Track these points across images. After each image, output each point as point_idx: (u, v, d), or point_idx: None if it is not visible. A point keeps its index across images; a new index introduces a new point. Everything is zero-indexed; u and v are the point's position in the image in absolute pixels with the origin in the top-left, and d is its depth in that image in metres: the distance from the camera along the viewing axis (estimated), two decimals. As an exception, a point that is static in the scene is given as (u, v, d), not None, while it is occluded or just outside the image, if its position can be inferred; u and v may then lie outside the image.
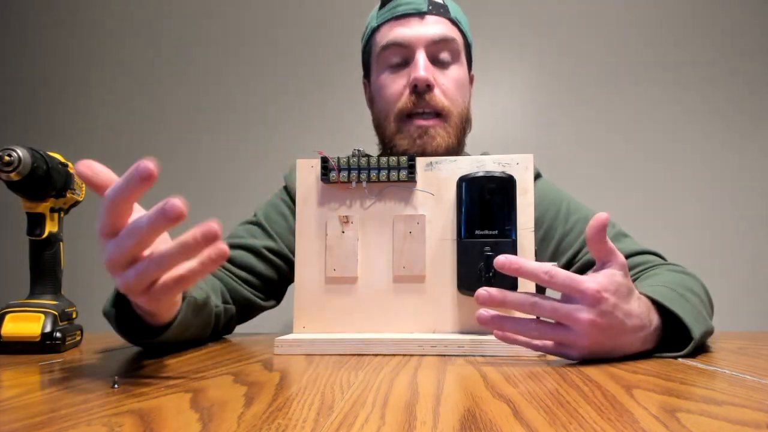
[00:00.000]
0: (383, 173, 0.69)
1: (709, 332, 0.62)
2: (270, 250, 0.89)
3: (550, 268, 0.52)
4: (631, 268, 0.81)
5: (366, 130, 1.01)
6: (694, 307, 0.61)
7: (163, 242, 0.47)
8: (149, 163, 0.42)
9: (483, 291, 0.53)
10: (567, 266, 0.87)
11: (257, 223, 0.92)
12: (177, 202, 0.41)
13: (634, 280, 0.78)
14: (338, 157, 0.70)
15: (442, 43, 0.85)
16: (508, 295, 0.53)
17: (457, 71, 0.87)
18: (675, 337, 0.59)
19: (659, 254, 0.86)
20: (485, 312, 0.54)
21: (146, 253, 0.45)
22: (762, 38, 1.83)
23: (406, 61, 0.85)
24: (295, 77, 1.95)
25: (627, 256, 0.82)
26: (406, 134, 0.85)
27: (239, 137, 1.95)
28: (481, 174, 0.68)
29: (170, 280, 0.45)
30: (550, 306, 0.52)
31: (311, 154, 0.72)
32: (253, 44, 1.98)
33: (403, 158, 0.69)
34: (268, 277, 0.90)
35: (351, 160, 0.70)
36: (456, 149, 0.87)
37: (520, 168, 0.69)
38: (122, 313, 0.59)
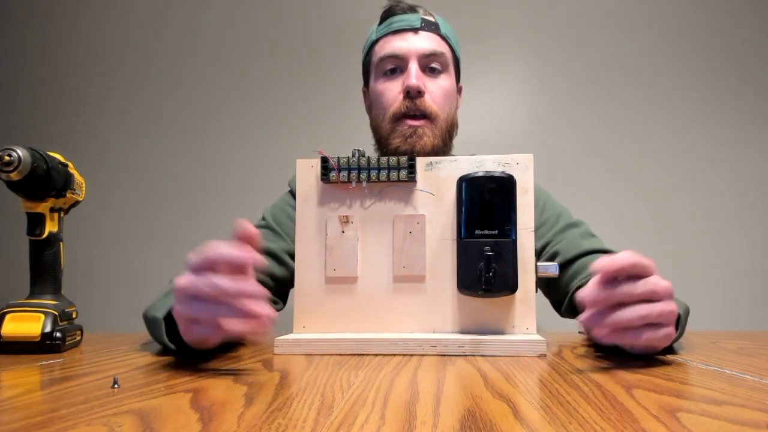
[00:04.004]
0: (383, 173, 0.69)
1: (686, 311, 0.65)
2: (285, 251, 0.94)
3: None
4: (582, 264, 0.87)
5: (367, 130, 1.02)
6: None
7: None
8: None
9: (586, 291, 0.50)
10: (537, 256, 0.93)
11: (267, 227, 0.96)
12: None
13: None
14: (338, 157, 0.70)
15: (433, 56, 0.95)
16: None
17: (445, 81, 0.97)
18: None
19: None
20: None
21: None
22: (764, 39, 1.83)
23: (400, 70, 0.96)
24: (296, 78, 1.95)
25: (590, 252, 0.88)
26: (398, 133, 0.93)
27: (240, 138, 1.95)
28: (481, 174, 0.68)
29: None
30: (654, 310, 0.50)
31: (311, 154, 0.72)
32: (254, 44, 1.98)
33: (403, 158, 0.69)
34: (281, 280, 0.93)
35: (351, 160, 0.70)
36: (442, 150, 0.96)
37: (520, 168, 0.69)
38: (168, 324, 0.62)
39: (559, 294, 0.91)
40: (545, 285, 0.95)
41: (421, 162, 0.71)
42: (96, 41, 2.04)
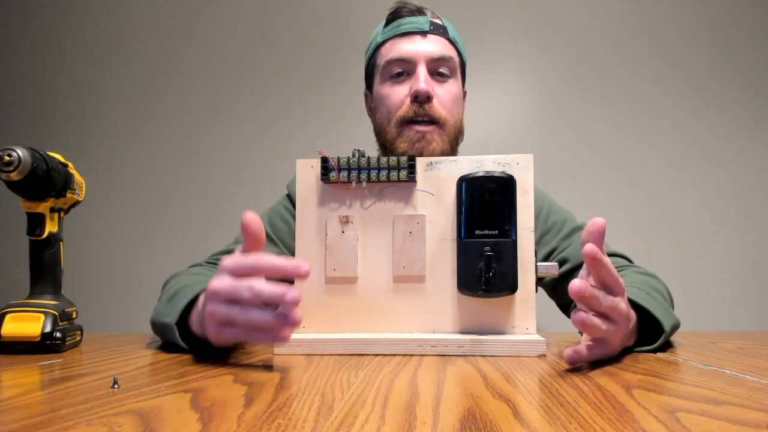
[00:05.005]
0: (383, 173, 0.69)
1: (676, 326, 0.67)
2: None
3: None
4: None
5: (366, 131, 1.02)
6: (660, 304, 0.67)
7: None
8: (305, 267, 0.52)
9: (580, 283, 0.51)
10: (544, 261, 0.92)
11: None
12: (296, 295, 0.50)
13: None
14: (338, 157, 0.70)
15: (441, 60, 0.93)
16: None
17: (453, 85, 0.95)
18: (646, 332, 0.64)
19: (627, 257, 0.91)
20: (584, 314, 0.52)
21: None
22: (767, 35, 1.83)
23: (407, 73, 0.93)
24: (296, 77, 1.95)
25: None
26: (405, 138, 0.91)
27: (239, 138, 1.95)
28: (481, 174, 0.68)
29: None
30: (603, 296, 0.53)
31: (311, 154, 0.72)
32: (253, 43, 1.98)
33: (403, 158, 0.69)
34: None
35: (351, 160, 0.69)
36: (449, 155, 0.93)
37: (520, 168, 0.69)
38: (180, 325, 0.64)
39: (567, 297, 0.90)
40: (552, 288, 0.95)
41: (421, 162, 0.71)
42: (95, 40, 2.04)
